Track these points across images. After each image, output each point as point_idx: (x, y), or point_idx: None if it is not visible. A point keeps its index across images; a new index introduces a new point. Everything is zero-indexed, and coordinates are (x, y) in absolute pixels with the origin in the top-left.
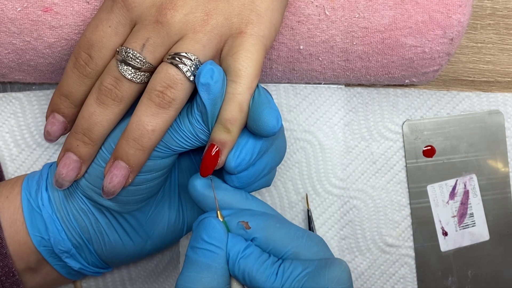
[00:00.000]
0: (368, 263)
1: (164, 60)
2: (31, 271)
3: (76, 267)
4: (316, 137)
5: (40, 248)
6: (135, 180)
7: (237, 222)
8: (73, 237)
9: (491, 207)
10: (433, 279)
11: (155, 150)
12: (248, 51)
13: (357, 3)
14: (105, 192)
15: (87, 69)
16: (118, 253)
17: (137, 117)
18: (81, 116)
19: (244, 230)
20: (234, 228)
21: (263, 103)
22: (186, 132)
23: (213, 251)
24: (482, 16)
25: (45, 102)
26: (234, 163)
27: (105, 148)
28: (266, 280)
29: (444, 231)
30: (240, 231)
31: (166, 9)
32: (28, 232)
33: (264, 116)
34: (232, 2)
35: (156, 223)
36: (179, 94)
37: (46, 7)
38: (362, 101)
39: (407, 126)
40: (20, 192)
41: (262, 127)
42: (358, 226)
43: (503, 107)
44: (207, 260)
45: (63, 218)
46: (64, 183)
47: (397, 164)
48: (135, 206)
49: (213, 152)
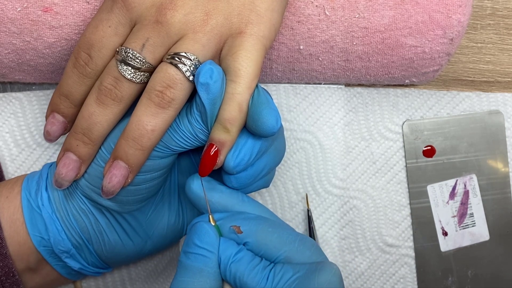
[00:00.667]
0: (368, 263)
1: (163, 60)
2: (31, 271)
3: (76, 267)
4: (316, 137)
5: (40, 248)
6: (135, 180)
7: (229, 227)
8: (72, 237)
9: (491, 207)
10: (433, 279)
11: (154, 150)
12: (247, 51)
13: (357, 3)
14: (105, 192)
15: (87, 69)
16: (117, 253)
17: (137, 117)
18: (80, 116)
19: (236, 234)
20: (226, 232)
21: (263, 103)
22: (186, 132)
23: (205, 256)
24: (482, 16)
25: (45, 102)
26: (233, 163)
27: (104, 148)
28: (257, 284)
29: (444, 231)
30: (232, 235)
31: (166, 9)
32: (28, 232)
33: (263, 116)
34: (232, 2)
35: (155, 223)
36: (179, 94)
37: (46, 7)
38: (362, 101)
39: (407, 126)
40: (20, 192)
41: (261, 127)
42: (358, 226)
43: (503, 107)
44: (199, 264)
45: (63, 218)
46: (63, 183)
47: (397, 164)
48: (135, 206)
49: (212, 151)
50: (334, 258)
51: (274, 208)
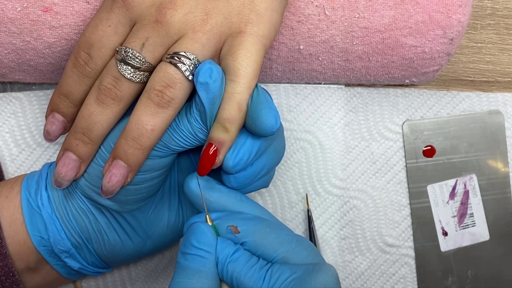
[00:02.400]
0: (368, 263)
1: (163, 59)
2: (31, 271)
3: (76, 267)
4: (316, 137)
5: (40, 248)
6: (134, 180)
7: (226, 226)
8: (72, 236)
9: (491, 207)
10: (433, 279)
11: (154, 149)
12: (247, 50)
13: (357, 3)
14: (104, 191)
15: (86, 69)
16: (117, 252)
17: (136, 117)
18: (80, 115)
19: (234, 234)
20: (223, 232)
21: (262, 102)
22: (185, 131)
23: (203, 256)
24: (482, 16)
25: (45, 102)
26: (232, 162)
27: (104, 148)
28: (254, 284)
29: (444, 231)
30: (230, 235)
31: (165, 9)
32: (28, 232)
33: (263, 116)
34: (231, 2)
35: (155, 223)
36: (178, 93)
37: (46, 7)
38: (362, 101)
39: (407, 126)
40: (20, 191)
41: (261, 127)
42: (358, 226)
43: (503, 107)
44: (197, 265)
45: (63, 217)
46: (63, 182)
47: (397, 164)
48: (135, 206)
49: (211, 151)
50: (334, 258)
51: (274, 208)
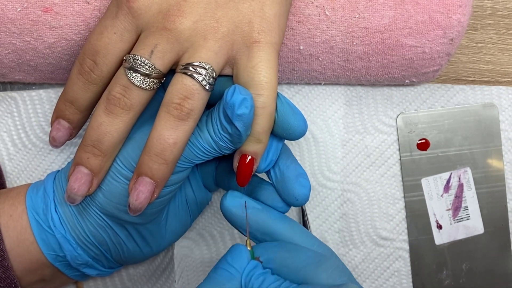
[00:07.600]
0: (362, 256)
1: (177, 71)
2: (44, 282)
3: (94, 274)
4: (310, 130)
5: (56, 263)
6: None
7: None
8: (90, 250)
9: (486, 200)
10: (427, 273)
11: (177, 165)
12: (267, 61)
13: (357, 3)
14: (132, 209)
15: (92, 76)
16: (135, 257)
17: (157, 132)
18: (89, 127)
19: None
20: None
21: (287, 110)
22: (208, 148)
23: (231, 273)
24: (482, 16)
25: (45, 102)
26: (264, 165)
27: (121, 162)
28: None
29: (439, 224)
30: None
31: (173, 16)
32: (42, 251)
33: (293, 124)
34: (241, 9)
35: (169, 224)
36: (197, 104)
37: (46, 7)
38: (356, 95)
39: (401, 119)
40: (25, 211)
41: (294, 134)
42: (353, 219)
43: (497, 100)
44: (222, 279)
45: (78, 236)
46: (76, 198)
47: (391, 158)
48: (156, 216)
49: (247, 161)
50: None
51: None
